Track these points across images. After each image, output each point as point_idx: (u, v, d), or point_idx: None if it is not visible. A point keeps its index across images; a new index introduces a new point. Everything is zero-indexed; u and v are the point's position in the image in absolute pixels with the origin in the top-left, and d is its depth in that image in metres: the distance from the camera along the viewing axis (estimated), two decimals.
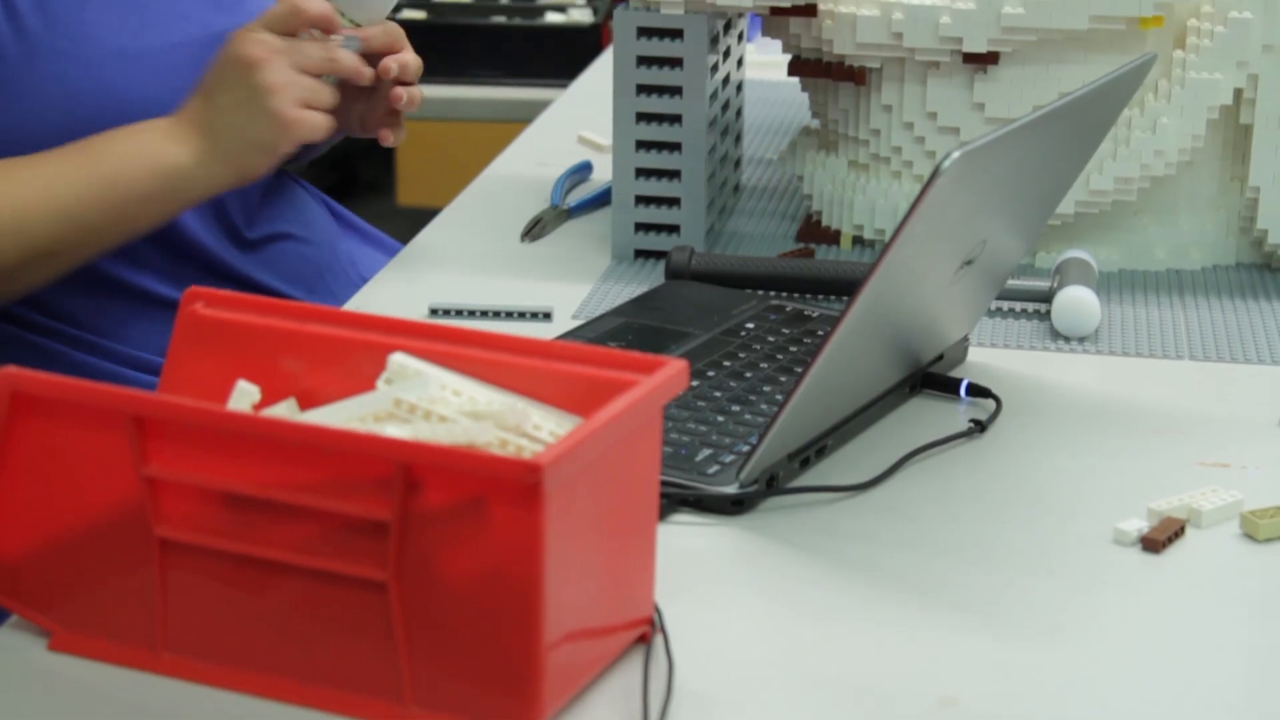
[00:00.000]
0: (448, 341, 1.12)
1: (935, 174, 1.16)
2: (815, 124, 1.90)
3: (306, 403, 1.14)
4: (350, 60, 1.55)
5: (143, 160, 1.49)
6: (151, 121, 1.51)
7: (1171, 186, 1.72)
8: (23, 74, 1.49)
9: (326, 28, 1.55)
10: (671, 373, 1.06)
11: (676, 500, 1.26)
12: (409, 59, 1.61)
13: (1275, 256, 1.73)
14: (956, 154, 1.16)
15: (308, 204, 1.79)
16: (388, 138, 1.65)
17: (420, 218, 2.03)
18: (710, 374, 1.43)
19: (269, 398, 1.14)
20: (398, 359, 1.10)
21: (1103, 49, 1.66)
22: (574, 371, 1.09)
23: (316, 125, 1.51)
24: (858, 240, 1.78)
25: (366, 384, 1.11)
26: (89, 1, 1.52)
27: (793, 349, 1.49)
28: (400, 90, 1.61)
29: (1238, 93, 1.67)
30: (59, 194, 1.47)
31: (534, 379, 1.10)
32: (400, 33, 1.61)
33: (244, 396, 1.13)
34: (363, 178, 4.90)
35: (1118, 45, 1.66)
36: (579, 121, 2.17)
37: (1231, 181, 1.74)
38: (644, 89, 1.72)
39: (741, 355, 1.47)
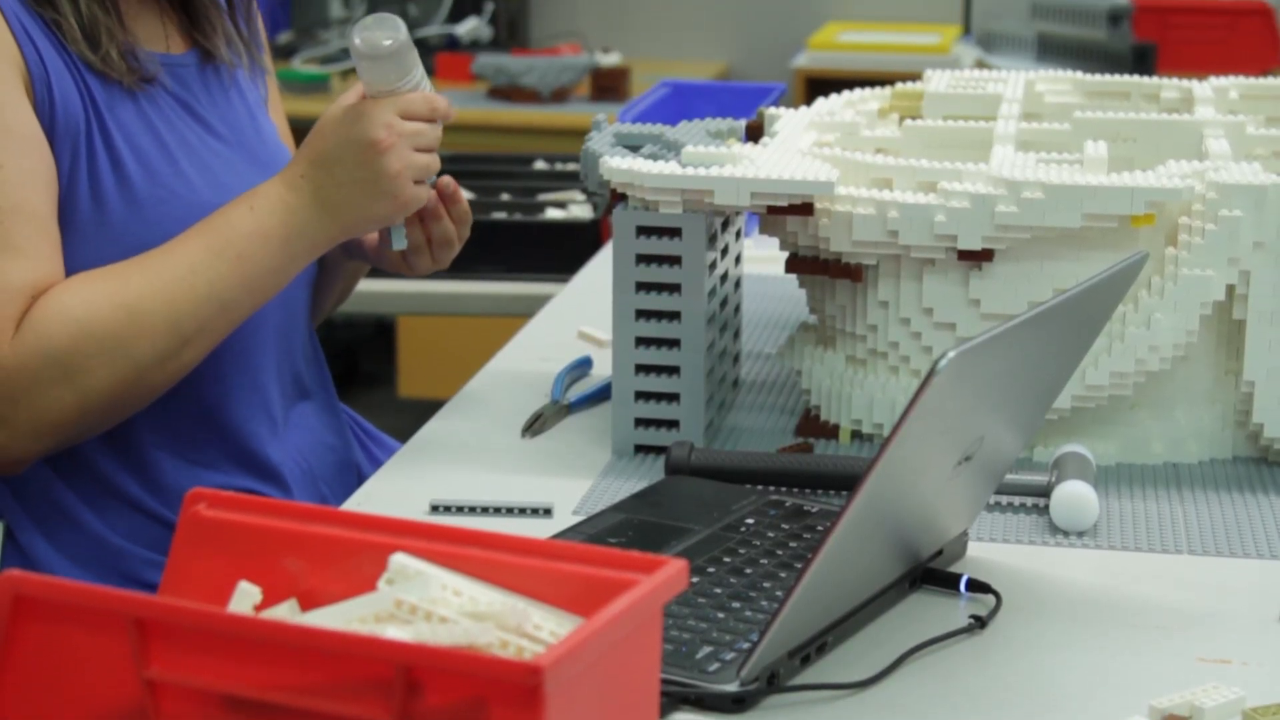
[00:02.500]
0: (448, 541, 1.12)
1: (931, 373, 1.17)
2: (813, 319, 1.92)
3: (308, 603, 1.14)
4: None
5: (269, 239, 1.65)
6: (266, 191, 1.66)
7: (1167, 381, 1.74)
8: (125, 219, 1.65)
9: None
10: (671, 573, 1.06)
11: (677, 699, 1.25)
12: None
13: (1272, 450, 1.74)
14: (952, 354, 1.17)
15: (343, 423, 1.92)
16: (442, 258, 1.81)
17: (421, 410, 2.04)
18: (710, 570, 1.43)
19: (270, 598, 1.14)
20: (399, 559, 1.11)
21: (1096, 246, 1.68)
22: (574, 571, 1.10)
23: (422, 198, 1.69)
24: (856, 435, 1.79)
25: (368, 584, 1.11)
26: (179, 161, 1.70)
27: (792, 545, 1.49)
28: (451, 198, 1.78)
29: (1230, 289, 1.69)
30: (200, 282, 1.62)
31: (534, 579, 1.11)
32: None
33: (245, 598, 1.13)
34: (363, 370, 4.92)
35: (1110, 242, 1.68)
36: (579, 317, 2.19)
37: (1226, 375, 1.75)
38: (643, 286, 1.74)
39: (741, 551, 1.47)
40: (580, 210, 3.10)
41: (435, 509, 1.61)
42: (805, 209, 1.71)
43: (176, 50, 1.75)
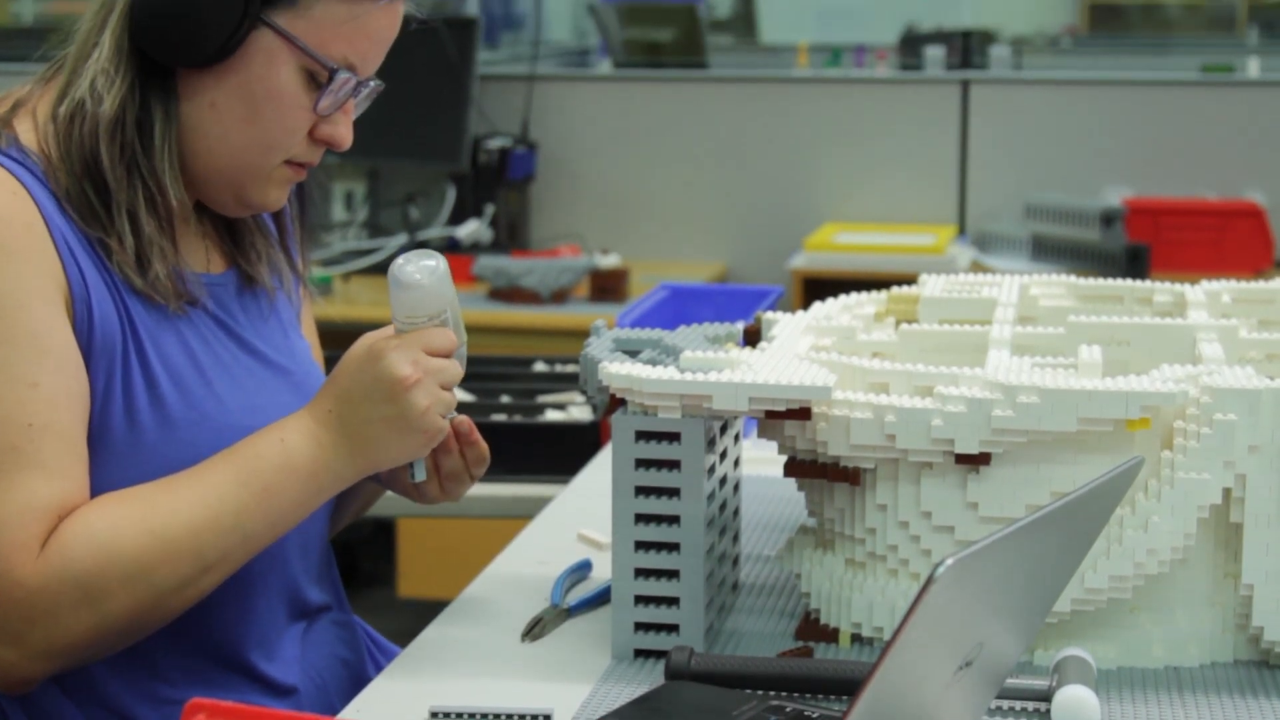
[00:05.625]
0: None
1: (929, 581, 1.17)
2: (812, 522, 1.92)
3: None
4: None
5: (296, 473, 1.65)
6: (296, 425, 1.66)
7: (1166, 583, 1.73)
8: (158, 440, 1.66)
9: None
10: None
11: None
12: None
13: (1273, 654, 1.73)
14: (950, 561, 1.17)
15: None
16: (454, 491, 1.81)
17: (421, 610, 2.04)
18: None
19: None
20: None
21: (1092, 450, 1.69)
22: None
23: (446, 430, 1.70)
24: (856, 638, 1.79)
25: None
26: (213, 383, 1.70)
27: None
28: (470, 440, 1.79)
29: (1226, 492, 1.70)
30: (225, 512, 1.62)
31: None
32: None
33: None
34: (363, 569, 4.91)
35: (1107, 446, 1.69)
36: (579, 519, 2.20)
37: (1225, 578, 1.75)
38: (642, 490, 1.74)
39: None
40: (580, 411, 3.12)
41: (434, 715, 1.61)
42: (803, 413, 1.72)
43: (216, 269, 1.77)
